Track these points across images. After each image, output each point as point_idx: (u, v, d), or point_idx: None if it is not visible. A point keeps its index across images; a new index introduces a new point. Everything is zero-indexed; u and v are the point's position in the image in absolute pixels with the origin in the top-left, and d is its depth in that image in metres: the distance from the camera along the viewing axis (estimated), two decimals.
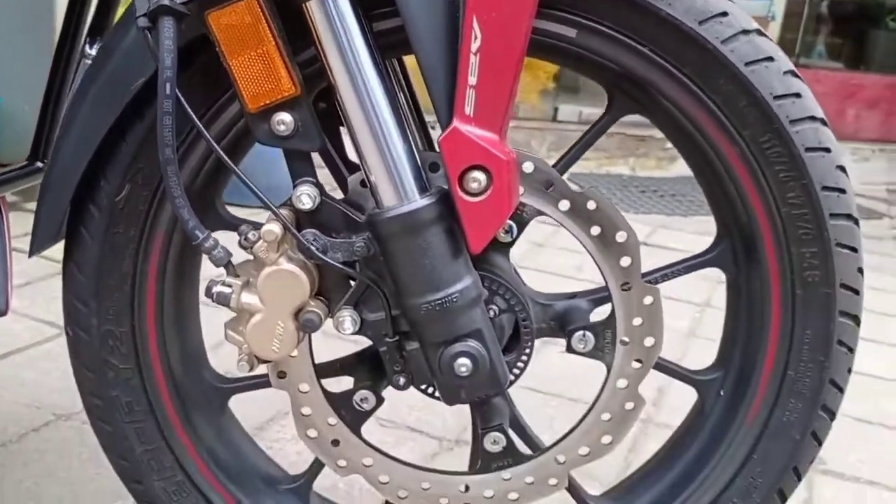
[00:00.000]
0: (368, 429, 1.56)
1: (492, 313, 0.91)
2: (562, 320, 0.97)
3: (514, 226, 0.91)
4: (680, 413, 1.08)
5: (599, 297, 0.97)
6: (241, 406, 1.14)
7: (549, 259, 2.83)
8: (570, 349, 0.95)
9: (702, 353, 1.65)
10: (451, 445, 1.66)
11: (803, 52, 5.04)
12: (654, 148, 4.33)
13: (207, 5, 0.79)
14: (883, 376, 2.21)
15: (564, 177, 0.92)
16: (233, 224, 0.96)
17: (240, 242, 0.84)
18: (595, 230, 0.90)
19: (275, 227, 0.82)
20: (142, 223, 0.92)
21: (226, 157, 0.82)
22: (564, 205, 0.90)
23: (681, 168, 4.26)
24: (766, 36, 0.89)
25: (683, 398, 1.10)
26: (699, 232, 3.48)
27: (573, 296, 0.99)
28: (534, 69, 4.36)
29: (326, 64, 0.80)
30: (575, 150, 0.95)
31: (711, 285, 2.62)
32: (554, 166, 0.93)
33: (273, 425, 1.66)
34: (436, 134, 0.84)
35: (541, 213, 0.91)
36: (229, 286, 0.85)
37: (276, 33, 0.80)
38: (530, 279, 0.99)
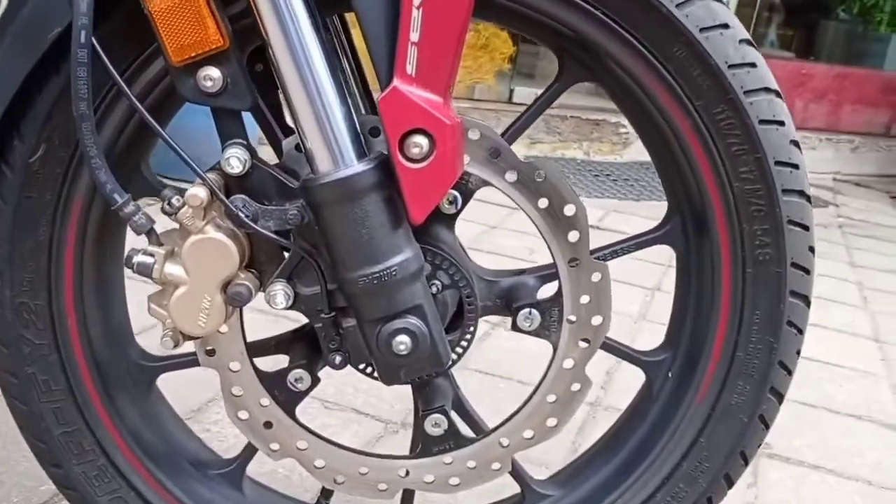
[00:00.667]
0: (312, 412, 1.51)
1: (434, 289, 0.87)
2: (508, 297, 0.93)
3: (458, 196, 0.87)
4: (629, 396, 1.06)
5: (547, 273, 0.93)
6: (179, 386, 1.08)
7: (501, 241, 2.80)
8: (515, 327, 0.91)
9: (651, 337, 1.64)
10: (397, 428, 1.61)
11: (756, 41, 5.07)
12: (608, 132, 4.32)
13: None
14: (827, 361, 2.23)
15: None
16: (160, 191, 0.90)
17: (162, 208, 0.78)
18: (542, 203, 0.86)
19: (200, 192, 0.76)
20: (58, 187, 0.85)
21: (148, 116, 0.76)
22: (511, 175, 0.86)
23: (634, 153, 4.27)
24: (721, 2, 0.85)
25: (632, 381, 1.07)
26: (651, 217, 3.46)
27: (520, 272, 0.95)
28: (490, 51, 4.32)
29: (258, 17, 0.74)
30: (524, 118, 0.91)
31: (662, 270, 2.62)
32: (502, 135, 0.88)
33: (213, 406, 1.59)
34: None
35: (487, 183, 0.86)
36: (151, 255, 0.79)
37: None
38: (481, 261, 0.95)
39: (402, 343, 0.79)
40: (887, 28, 5.36)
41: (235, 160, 0.79)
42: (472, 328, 0.90)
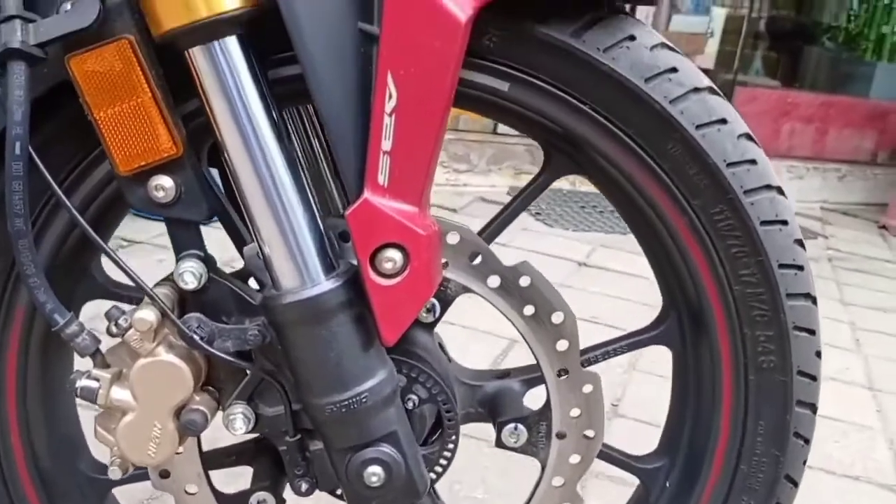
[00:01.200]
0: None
1: (410, 405, 0.80)
2: (492, 405, 0.86)
3: (437, 304, 0.80)
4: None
5: (533, 377, 0.86)
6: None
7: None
8: (499, 444, 0.84)
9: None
10: None
11: (742, 69, 5.06)
12: None
13: (69, 48, 0.66)
14: (823, 414, 2.15)
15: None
16: (114, 293, 0.83)
17: (108, 329, 0.71)
18: (528, 310, 0.80)
19: (148, 315, 0.69)
20: None
21: (90, 230, 0.69)
22: (494, 281, 0.79)
23: None
24: (719, 94, 0.79)
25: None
26: (638, 252, 3.43)
27: (505, 374, 0.88)
28: None
29: (212, 117, 0.67)
30: (505, 215, 0.84)
31: None
32: (480, 233, 0.82)
33: None
34: None
35: (467, 289, 0.79)
36: (96, 380, 0.72)
37: (154, 82, 0.67)
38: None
39: (375, 474, 0.72)
40: (872, 56, 5.36)
41: (190, 275, 0.71)
42: (452, 443, 0.83)
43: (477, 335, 2.15)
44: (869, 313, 3.11)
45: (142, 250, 2.52)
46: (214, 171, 0.84)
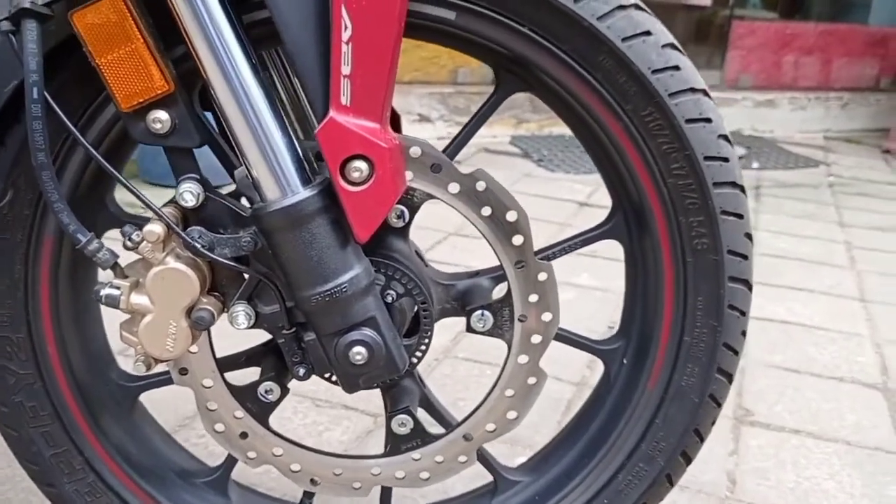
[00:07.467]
0: (304, 410, 1.56)
1: (389, 298, 0.92)
2: (463, 300, 0.98)
3: (405, 210, 0.92)
4: None
5: (499, 274, 0.98)
6: (168, 400, 1.13)
7: None
8: (469, 329, 0.96)
9: None
10: None
11: (738, 4, 5.07)
12: None
13: (71, 5, 0.78)
14: (812, 325, 2.28)
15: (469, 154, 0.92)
16: (127, 222, 0.95)
17: (124, 244, 0.84)
18: (486, 211, 0.91)
19: (156, 227, 0.81)
20: (28, 228, 0.91)
21: (104, 162, 0.81)
22: (454, 187, 0.91)
23: None
24: (644, 10, 0.89)
25: None
26: None
27: (475, 274, 1.00)
28: None
29: (197, 58, 0.79)
30: (464, 134, 0.95)
31: None
32: (445, 150, 0.93)
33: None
34: None
35: (431, 196, 0.91)
36: (117, 288, 0.85)
37: (145, 29, 0.79)
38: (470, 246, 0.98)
39: (359, 354, 0.85)
40: None
41: (189, 194, 0.84)
42: (429, 333, 0.95)
43: None
44: (866, 233, 3.19)
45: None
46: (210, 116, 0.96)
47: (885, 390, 1.94)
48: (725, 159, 0.91)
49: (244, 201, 0.90)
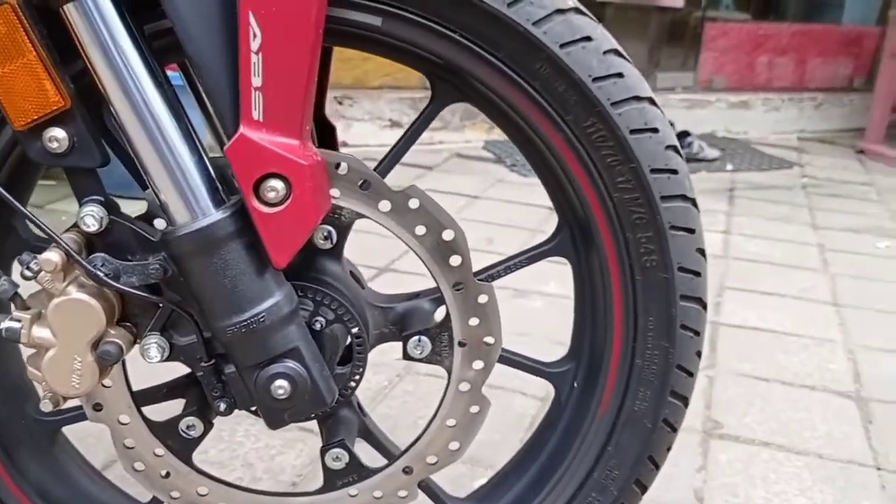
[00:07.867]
0: (255, 432, 1.49)
1: (318, 326, 0.86)
2: (402, 324, 0.92)
3: (332, 231, 0.86)
4: None
5: (439, 295, 0.92)
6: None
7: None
8: (406, 356, 0.90)
9: None
10: None
11: (711, 5, 5.05)
12: None
13: None
14: (782, 331, 2.23)
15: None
16: (38, 247, 0.88)
17: (22, 273, 0.77)
18: (420, 230, 0.85)
19: (53, 256, 0.75)
20: None
21: (1, 190, 0.75)
22: (385, 205, 0.85)
23: None
24: (585, 14, 0.84)
25: None
26: None
27: (416, 295, 0.94)
28: None
29: (93, 72, 0.73)
30: (398, 149, 0.89)
31: None
32: (377, 167, 0.87)
33: None
34: None
35: (360, 215, 0.85)
36: (18, 321, 0.78)
37: (38, 41, 0.72)
38: None
39: (281, 388, 0.79)
40: None
41: (91, 218, 0.77)
42: (362, 361, 0.89)
43: None
44: (840, 235, 3.17)
45: None
46: None
47: (857, 399, 1.90)
48: (674, 171, 0.86)
49: (160, 223, 0.83)
